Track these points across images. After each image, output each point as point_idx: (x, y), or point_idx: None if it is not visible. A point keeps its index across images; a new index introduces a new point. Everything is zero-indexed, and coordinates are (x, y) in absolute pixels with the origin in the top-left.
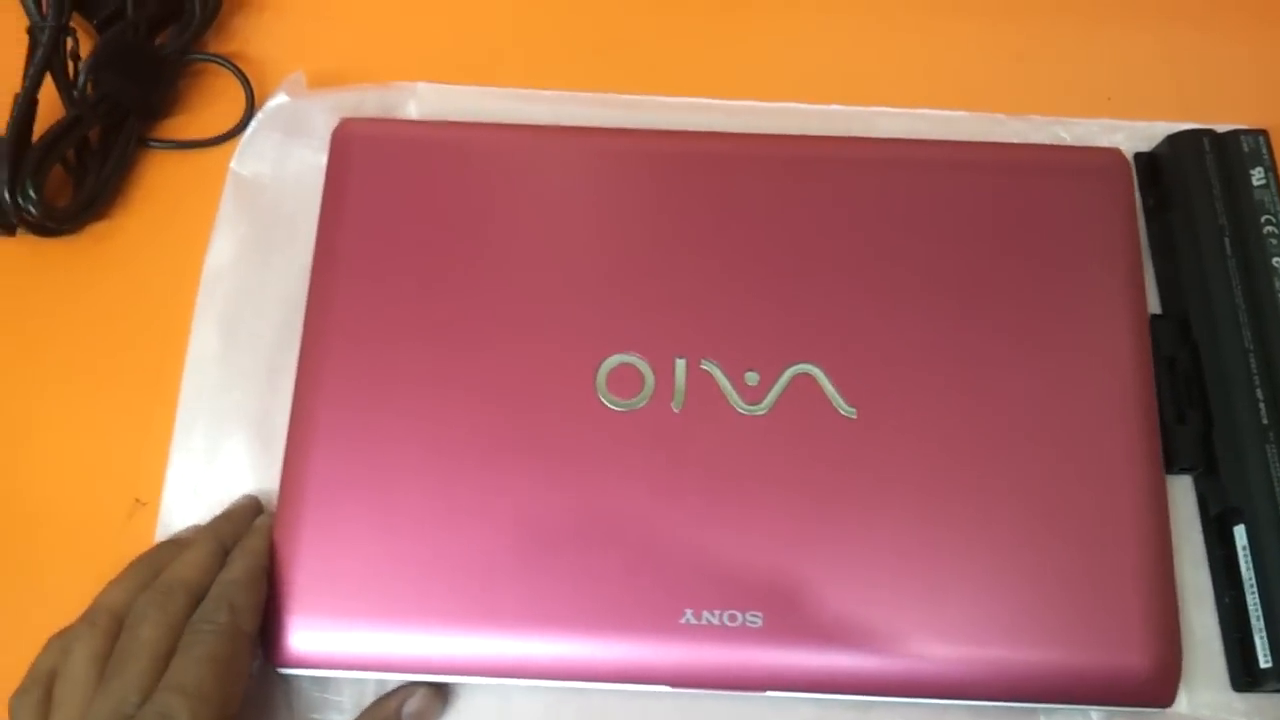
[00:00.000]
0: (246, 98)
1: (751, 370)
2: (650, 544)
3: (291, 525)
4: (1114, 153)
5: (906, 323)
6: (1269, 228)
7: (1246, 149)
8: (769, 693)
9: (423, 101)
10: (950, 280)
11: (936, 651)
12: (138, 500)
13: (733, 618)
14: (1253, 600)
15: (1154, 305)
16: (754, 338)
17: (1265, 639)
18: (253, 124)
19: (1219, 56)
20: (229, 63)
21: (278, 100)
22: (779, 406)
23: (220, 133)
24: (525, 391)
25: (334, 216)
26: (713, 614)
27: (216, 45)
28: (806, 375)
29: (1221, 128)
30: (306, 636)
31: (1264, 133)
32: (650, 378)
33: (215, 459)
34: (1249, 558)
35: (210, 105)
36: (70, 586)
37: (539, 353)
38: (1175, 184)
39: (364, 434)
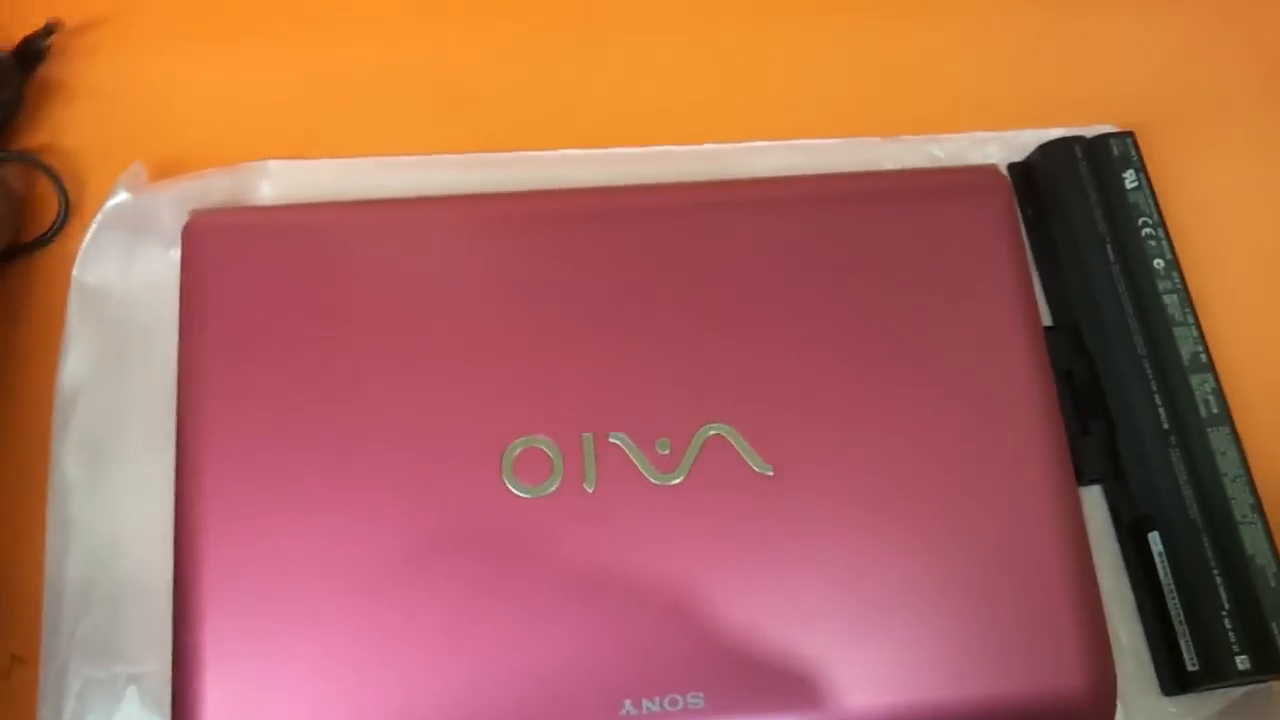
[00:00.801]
0: (59, 195)
1: (662, 437)
2: (579, 636)
3: (189, 663)
4: (992, 170)
5: (810, 370)
6: (1146, 229)
7: (1116, 152)
8: None
9: (276, 181)
10: (846, 320)
11: (879, 700)
12: (14, 656)
13: (674, 701)
14: (1174, 605)
15: (1045, 317)
16: (660, 403)
17: (1189, 643)
18: (93, 226)
19: (1081, 57)
20: (32, 159)
21: (118, 199)
22: (694, 472)
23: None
24: (427, 489)
25: (195, 318)
26: (653, 701)
27: (26, 138)
28: (718, 436)
29: (1090, 131)
30: None
31: (1130, 134)
32: (558, 459)
33: (92, 600)
34: (1165, 563)
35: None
36: None
37: (436, 443)
38: (1051, 194)
39: (257, 555)
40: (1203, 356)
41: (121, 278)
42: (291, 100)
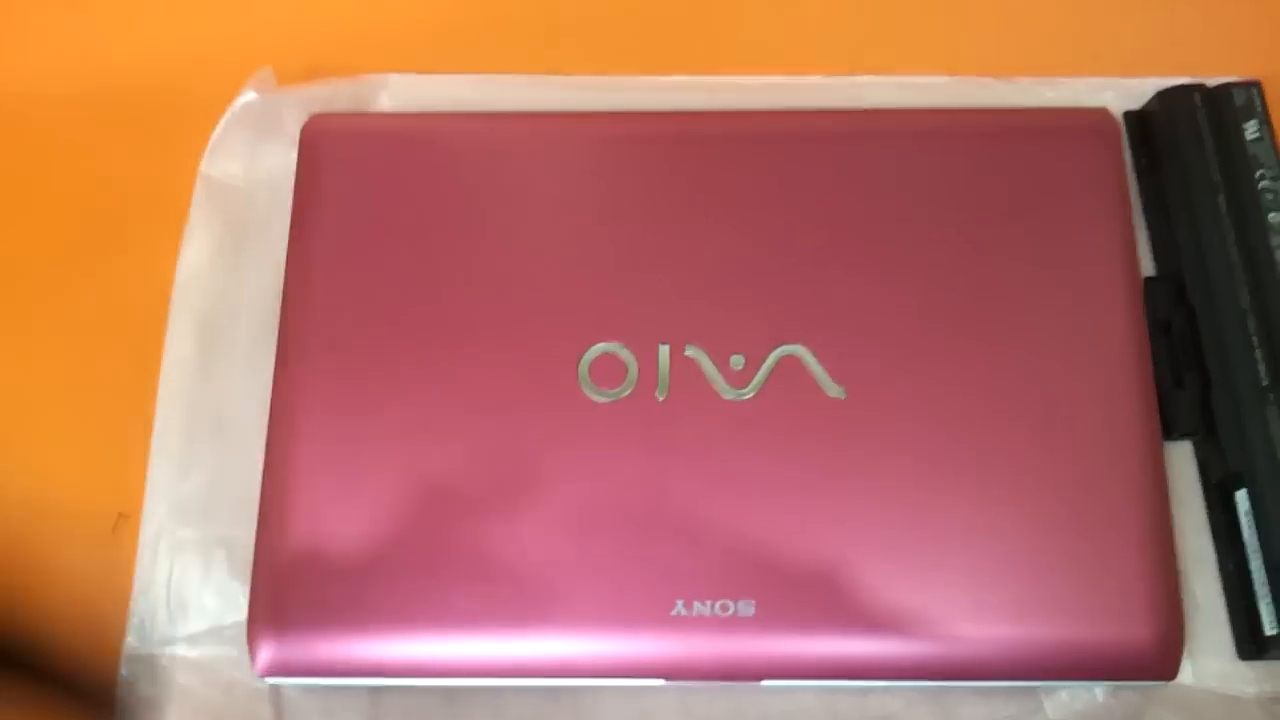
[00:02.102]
0: None
1: (736, 354)
2: (638, 536)
3: (274, 531)
4: (1102, 113)
5: (894, 298)
6: (1264, 182)
7: (1239, 102)
8: (765, 682)
9: (395, 93)
10: (937, 252)
11: (934, 633)
12: (121, 514)
13: (725, 607)
14: (1256, 566)
15: (1148, 267)
16: (738, 321)
17: (1271, 605)
18: (221, 123)
19: (1210, 6)
20: None
21: (245, 98)
22: (766, 390)
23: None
24: (507, 387)
25: (306, 216)
26: (705, 604)
27: (168, 36)
28: (793, 357)
29: (1213, 81)
30: (295, 644)
31: (1257, 84)
32: (634, 367)
33: (193, 467)
34: (1252, 523)
35: None
36: (60, 606)
37: (520, 346)
38: (1167, 142)
39: (344, 436)
40: None
41: (244, 174)
42: (417, 19)
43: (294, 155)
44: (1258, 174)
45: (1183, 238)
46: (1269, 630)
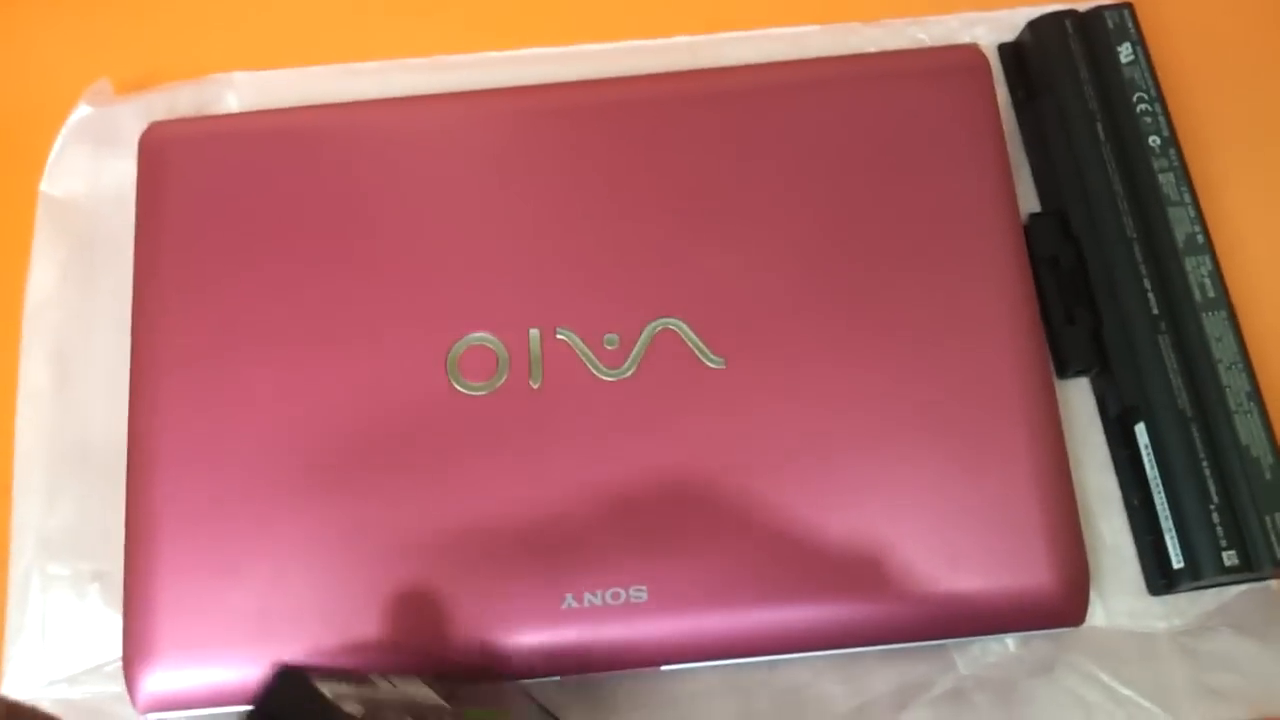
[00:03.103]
0: None
1: (610, 333)
2: (523, 530)
3: (142, 559)
4: (970, 49)
5: (769, 261)
6: (1142, 105)
7: (1112, 25)
8: (665, 667)
9: (241, 92)
10: (811, 208)
11: (834, 600)
12: None
13: (616, 595)
14: (1160, 500)
15: (1032, 204)
16: (608, 299)
17: (1175, 539)
18: (59, 140)
19: None
20: None
21: (81, 112)
22: (643, 367)
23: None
24: (377, 387)
25: (149, 228)
26: (595, 594)
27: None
28: (668, 330)
29: (1084, 6)
30: (172, 675)
31: (1128, 6)
32: (504, 355)
33: (59, 501)
34: (1152, 456)
35: None
36: None
37: (385, 344)
38: (1041, 72)
39: (208, 454)
40: (1200, 238)
41: (88, 191)
42: (256, 12)
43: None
44: (1135, 97)
45: (1064, 170)
46: (1176, 564)
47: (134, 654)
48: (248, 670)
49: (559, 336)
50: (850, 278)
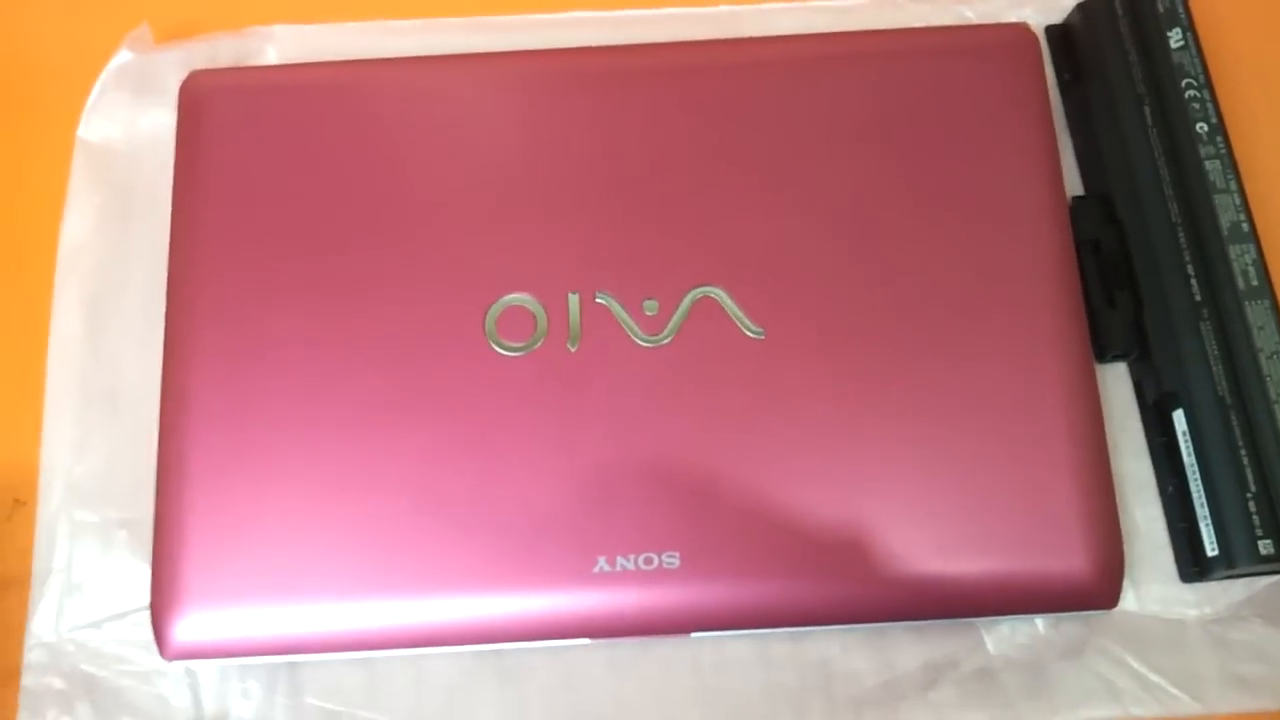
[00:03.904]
0: None
1: (650, 299)
2: (556, 492)
3: (173, 508)
4: (1020, 28)
5: (810, 232)
6: (1190, 91)
7: (1162, 10)
8: (694, 634)
9: (281, 45)
10: (854, 181)
11: (868, 574)
12: (16, 500)
13: (648, 560)
14: (1196, 487)
15: (1076, 186)
16: (650, 265)
17: (1210, 526)
18: (97, 85)
19: None
20: None
21: (121, 58)
22: (682, 334)
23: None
24: (412, 344)
25: (190, 176)
26: (627, 559)
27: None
28: (708, 298)
29: None
30: (201, 623)
31: None
32: (543, 317)
33: (89, 448)
34: (1189, 443)
35: None
36: None
37: (423, 302)
38: (1089, 55)
39: (242, 405)
40: (1244, 226)
41: (125, 137)
42: None
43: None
44: (1184, 83)
45: (1109, 154)
46: (1210, 551)
47: (162, 601)
48: (275, 620)
49: (598, 301)
50: (893, 253)
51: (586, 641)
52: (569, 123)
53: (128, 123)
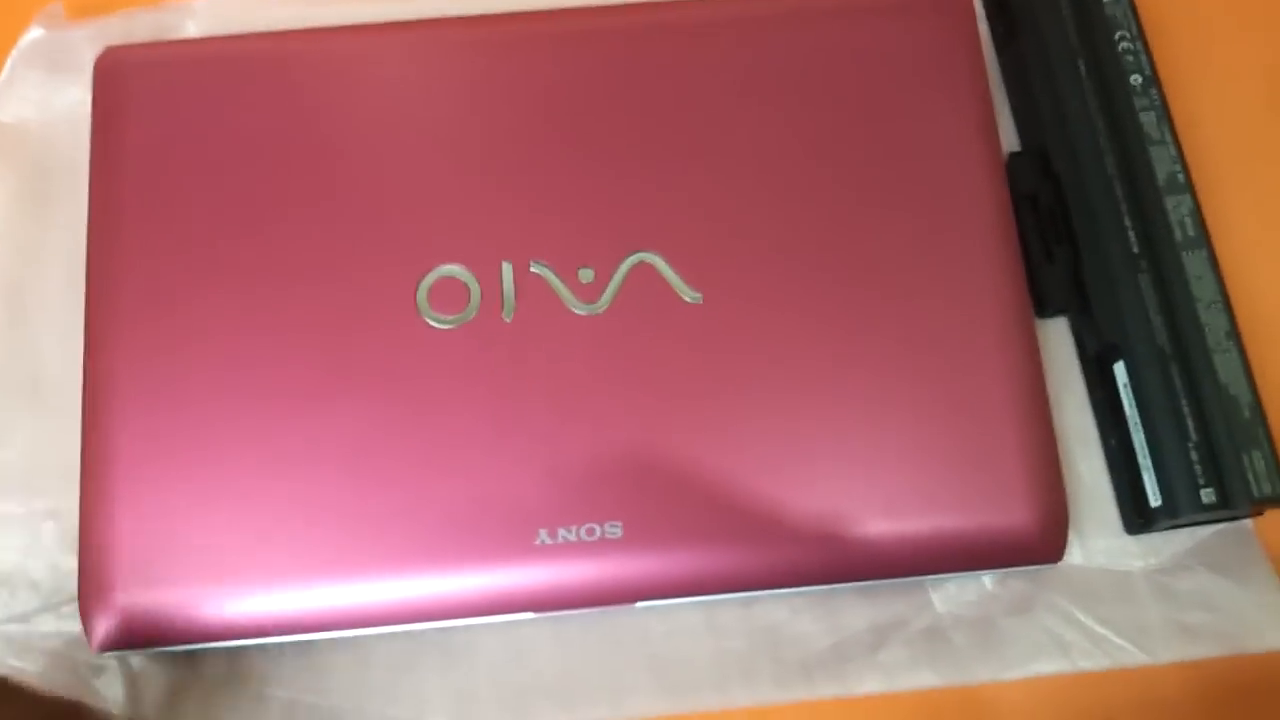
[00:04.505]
0: None
1: (585, 267)
2: (494, 465)
3: (99, 496)
4: None
5: (745, 195)
6: (1124, 44)
7: None
8: (641, 604)
9: (200, 20)
10: (788, 143)
11: (812, 536)
12: None
13: (590, 531)
14: (1138, 439)
15: (1013, 142)
16: (583, 231)
17: (1153, 477)
18: (8, 64)
19: None
20: None
21: (32, 35)
22: (618, 302)
23: None
24: (343, 320)
25: (107, 155)
26: (569, 530)
27: None
28: (645, 264)
29: None
30: (131, 613)
31: None
32: (475, 288)
33: (11, 438)
34: (1130, 395)
35: None
36: None
37: (352, 276)
38: (1023, 10)
39: (168, 389)
40: (1180, 177)
41: (40, 117)
42: None
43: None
44: (1117, 35)
45: (1045, 108)
46: (1154, 502)
47: (90, 592)
48: (208, 607)
49: (533, 270)
50: (829, 214)
51: (532, 616)
52: (497, 90)
53: (41, 102)
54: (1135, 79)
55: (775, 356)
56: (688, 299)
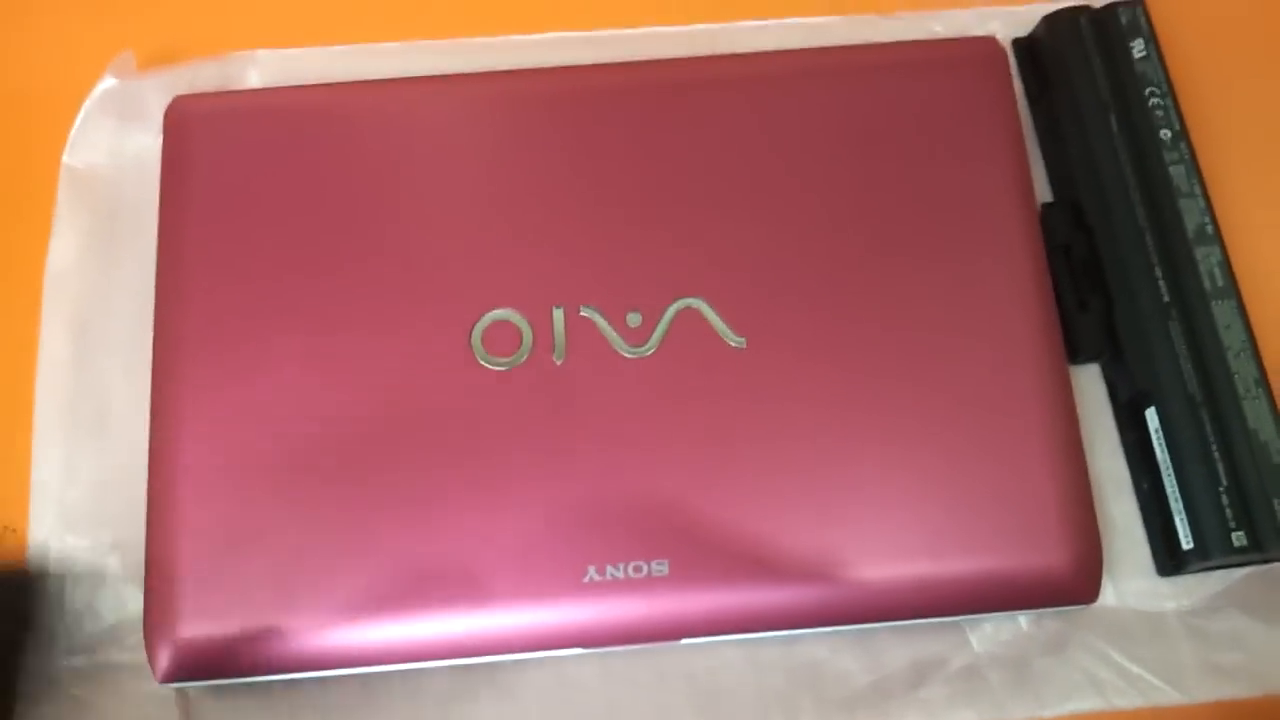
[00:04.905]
0: None
1: (633, 311)
2: (546, 504)
3: (164, 529)
4: (988, 41)
5: (788, 242)
6: (1154, 99)
7: (1124, 22)
8: (685, 640)
9: (264, 69)
10: (830, 193)
11: (853, 576)
12: (5, 527)
13: (638, 568)
14: (1170, 483)
15: (1046, 193)
16: (632, 277)
17: (1185, 520)
18: (81, 112)
19: None
20: None
21: (105, 84)
22: (665, 345)
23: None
24: (400, 361)
25: (175, 199)
26: (617, 568)
27: (26, 26)
28: (691, 309)
29: (1098, 2)
30: (194, 644)
31: (1140, 3)
32: (528, 332)
33: (78, 472)
34: (1162, 440)
35: None
36: None
37: (410, 320)
38: (1055, 67)
39: (231, 427)
40: (1209, 228)
41: (110, 163)
42: None
43: (161, 141)
44: (1147, 91)
45: (1077, 161)
46: (1186, 545)
47: (154, 624)
48: (269, 639)
49: (582, 314)
50: (869, 262)
51: (579, 651)
52: (551, 141)
53: (112, 148)
54: (1165, 133)
55: (816, 400)
56: (732, 344)
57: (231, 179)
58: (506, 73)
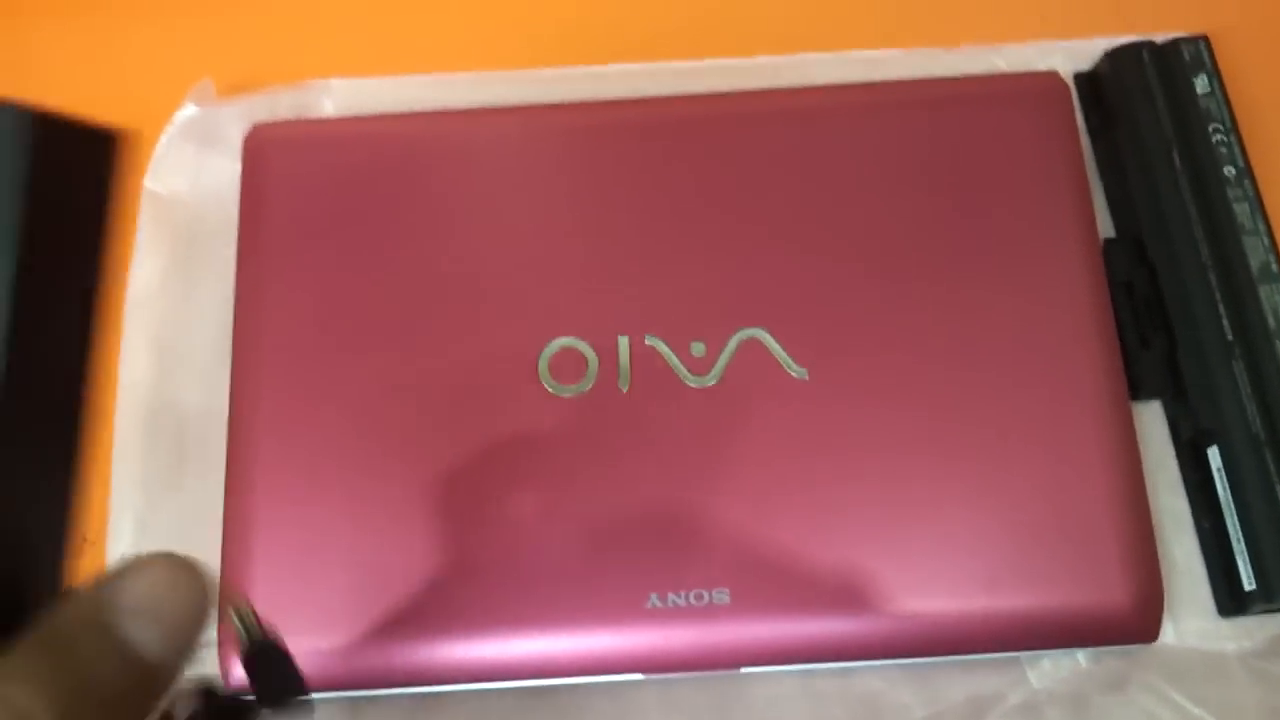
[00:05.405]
0: None
1: (697, 341)
2: (610, 529)
3: (239, 547)
4: (1051, 76)
5: (851, 274)
6: (1218, 136)
7: (1188, 57)
8: (744, 669)
9: (338, 97)
10: (892, 226)
11: (913, 609)
12: (84, 538)
13: (699, 596)
14: (1232, 523)
15: (1107, 229)
16: (696, 307)
17: (1247, 560)
18: (163, 138)
19: None
20: None
21: (187, 111)
22: (728, 375)
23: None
24: (468, 387)
25: (252, 227)
26: (679, 595)
27: (108, 56)
28: (753, 340)
29: (1161, 37)
30: None
31: (1204, 38)
32: (594, 359)
33: (156, 488)
34: (1224, 479)
35: None
36: None
37: (479, 345)
38: (1118, 101)
39: (306, 448)
40: (1273, 266)
41: (190, 188)
42: (354, 20)
43: (239, 166)
44: (1210, 128)
45: (1140, 197)
46: (1248, 586)
47: (228, 638)
48: (337, 657)
49: (647, 343)
50: (932, 295)
51: (640, 677)
52: (617, 171)
53: (193, 174)
54: (1229, 170)
55: (878, 433)
56: (794, 374)
57: (308, 204)
58: (574, 104)
